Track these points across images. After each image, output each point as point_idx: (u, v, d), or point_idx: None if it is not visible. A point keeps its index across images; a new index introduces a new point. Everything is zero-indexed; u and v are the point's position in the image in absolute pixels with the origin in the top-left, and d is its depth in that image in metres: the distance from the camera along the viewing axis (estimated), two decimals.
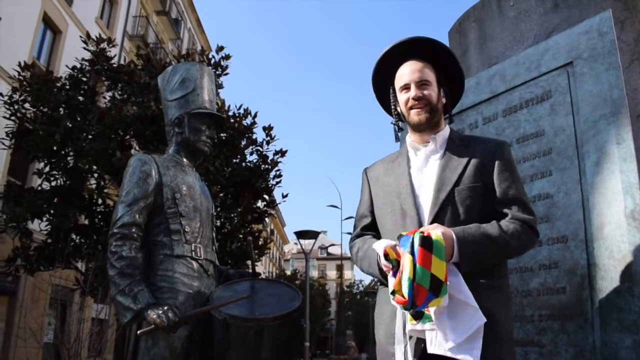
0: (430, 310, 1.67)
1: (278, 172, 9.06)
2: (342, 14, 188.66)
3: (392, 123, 2.16)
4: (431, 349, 1.69)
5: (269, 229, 41.87)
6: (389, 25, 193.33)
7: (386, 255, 1.74)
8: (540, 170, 2.74)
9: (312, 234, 16.63)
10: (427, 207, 1.88)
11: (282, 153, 9.04)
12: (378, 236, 2.04)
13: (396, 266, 1.70)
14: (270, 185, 9.03)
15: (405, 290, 1.60)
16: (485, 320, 1.65)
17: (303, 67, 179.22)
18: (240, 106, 8.90)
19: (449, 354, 1.65)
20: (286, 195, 9.39)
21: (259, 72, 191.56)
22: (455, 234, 1.73)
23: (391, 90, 2.08)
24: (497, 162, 1.91)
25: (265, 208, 9.37)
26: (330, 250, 64.36)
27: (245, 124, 8.76)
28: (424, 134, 2.01)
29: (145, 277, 2.24)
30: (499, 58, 3.30)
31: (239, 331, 2.15)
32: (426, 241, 1.62)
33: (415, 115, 1.96)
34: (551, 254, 2.58)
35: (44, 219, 7.58)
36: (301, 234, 16.65)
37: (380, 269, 1.85)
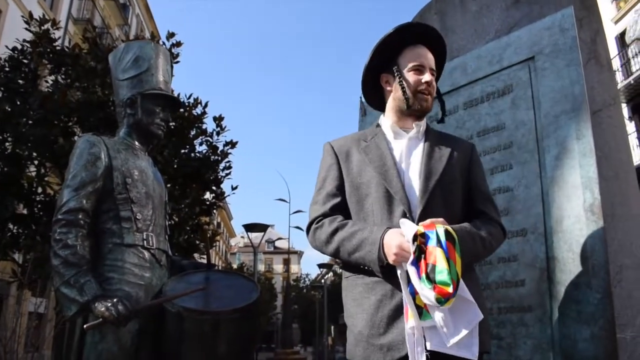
0: (429, 308, 1.61)
1: (228, 164, 8.89)
2: (296, 4, 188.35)
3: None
4: (431, 346, 1.63)
5: (216, 222, 41.33)
6: (345, 17, 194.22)
7: (414, 238, 1.61)
8: (500, 163, 2.74)
9: (261, 227, 16.53)
10: (415, 193, 1.82)
11: (233, 144, 8.85)
12: (349, 218, 1.91)
13: (417, 252, 1.60)
14: (219, 177, 8.84)
15: (446, 279, 1.52)
16: (482, 316, 1.63)
17: (254, 58, 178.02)
18: (190, 95, 8.65)
19: (451, 352, 1.60)
20: (236, 187, 9.20)
21: (211, 62, 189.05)
22: (456, 232, 1.67)
23: (395, 68, 1.98)
24: (473, 162, 1.99)
25: (214, 200, 9.18)
26: (278, 244, 64.12)
27: (195, 114, 8.53)
28: (409, 119, 1.99)
29: (92, 267, 2.08)
30: (460, 51, 3.28)
31: (194, 325, 2.03)
32: (451, 237, 1.59)
33: (423, 101, 1.95)
34: (511, 247, 2.58)
35: None
36: (250, 227, 16.51)
37: (379, 256, 1.70)
